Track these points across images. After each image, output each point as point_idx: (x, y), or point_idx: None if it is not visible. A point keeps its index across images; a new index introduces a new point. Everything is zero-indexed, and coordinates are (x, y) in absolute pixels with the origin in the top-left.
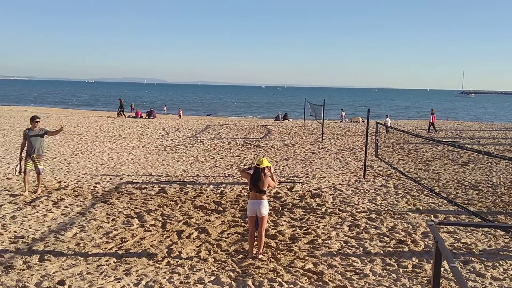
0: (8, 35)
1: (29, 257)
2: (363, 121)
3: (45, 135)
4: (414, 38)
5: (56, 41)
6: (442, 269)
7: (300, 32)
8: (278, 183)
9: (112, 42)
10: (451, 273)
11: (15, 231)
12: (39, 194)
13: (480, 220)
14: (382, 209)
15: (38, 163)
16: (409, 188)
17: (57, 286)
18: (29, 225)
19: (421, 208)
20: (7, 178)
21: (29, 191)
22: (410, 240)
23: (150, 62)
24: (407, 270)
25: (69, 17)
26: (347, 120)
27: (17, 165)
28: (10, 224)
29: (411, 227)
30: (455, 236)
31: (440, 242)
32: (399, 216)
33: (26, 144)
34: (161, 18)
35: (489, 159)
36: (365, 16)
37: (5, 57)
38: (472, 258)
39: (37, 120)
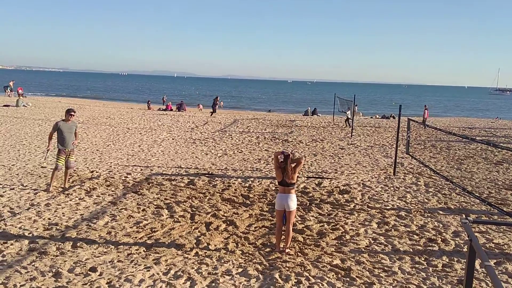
0: (43, 27)
1: (62, 244)
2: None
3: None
4: (451, 35)
5: (88, 34)
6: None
7: (329, 27)
8: (303, 158)
9: (143, 35)
10: (482, 274)
11: (49, 218)
12: (65, 188)
13: None
14: (412, 207)
15: (70, 157)
16: (441, 186)
17: (89, 272)
18: (63, 213)
19: (452, 207)
20: (41, 167)
21: (54, 186)
22: (440, 239)
23: (180, 55)
24: (437, 269)
25: (101, 10)
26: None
27: (46, 153)
28: (44, 211)
29: (441, 225)
30: (487, 236)
31: (474, 241)
32: (429, 215)
33: (57, 137)
34: (192, 13)
35: None
36: (399, 13)
37: (41, 49)
38: (505, 259)
39: (72, 113)
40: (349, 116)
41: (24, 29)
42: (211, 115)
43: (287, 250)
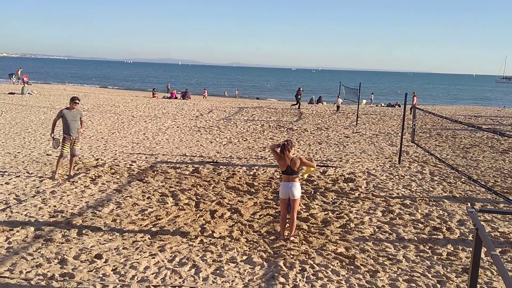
0: (49, 15)
1: (67, 231)
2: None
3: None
4: (459, 19)
5: (94, 21)
6: None
7: (333, 13)
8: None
9: (148, 23)
10: (487, 262)
11: (54, 206)
12: (71, 176)
13: None
14: (417, 196)
15: (75, 145)
16: (446, 175)
17: (94, 259)
18: (68, 200)
19: (457, 195)
20: (47, 154)
21: (59, 174)
22: (445, 228)
23: (185, 43)
24: (442, 257)
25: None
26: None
27: (53, 141)
28: (50, 199)
29: (446, 214)
30: (493, 225)
31: (481, 229)
32: (434, 203)
33: (62, 125)
34: (197, 0)
35: None
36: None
37: (46, 36)
38: (510, 248)
39: (77, 101)
40: (339, 104)
41: (29, 17)
42: (298, 108)
43: (291, 238)
